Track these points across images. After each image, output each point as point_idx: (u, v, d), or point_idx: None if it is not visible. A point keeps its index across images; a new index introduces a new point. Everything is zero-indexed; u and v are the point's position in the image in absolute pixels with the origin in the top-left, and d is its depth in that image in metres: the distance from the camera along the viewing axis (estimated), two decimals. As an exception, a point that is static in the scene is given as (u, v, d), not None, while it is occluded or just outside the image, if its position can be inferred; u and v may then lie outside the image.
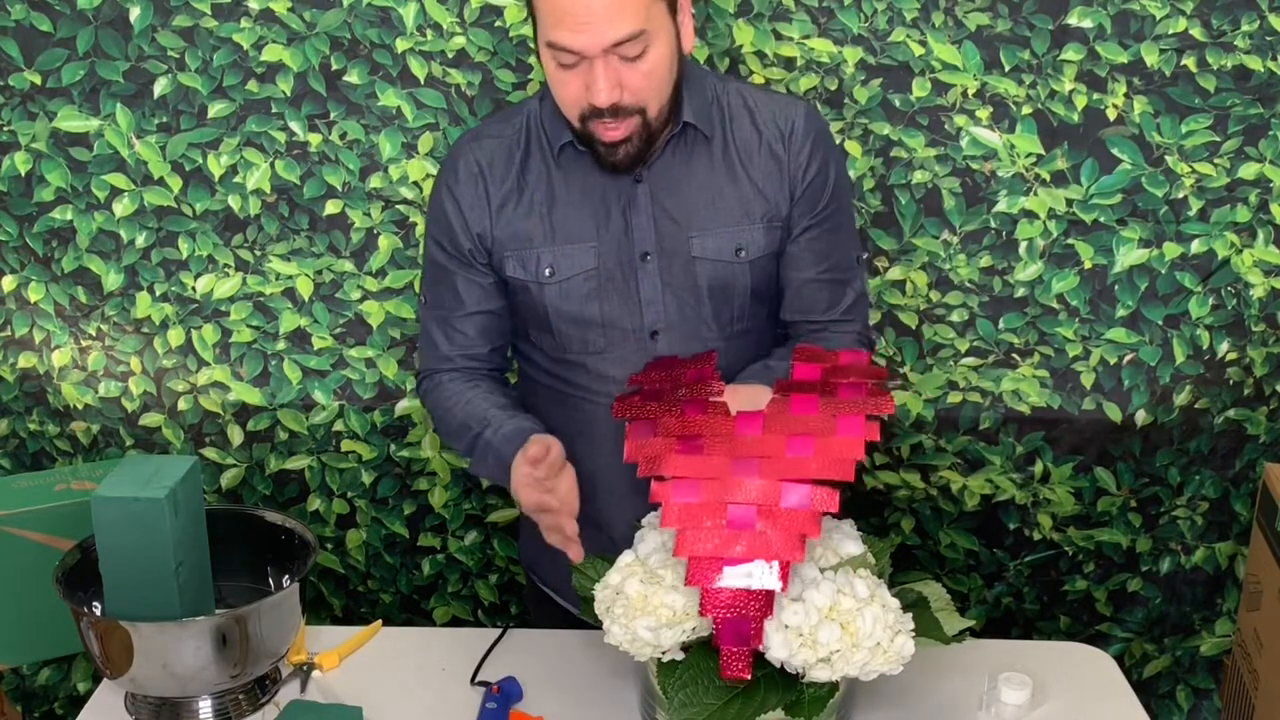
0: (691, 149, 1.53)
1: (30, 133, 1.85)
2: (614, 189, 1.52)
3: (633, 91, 1.40)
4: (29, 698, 2.14)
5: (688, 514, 1.27)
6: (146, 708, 1.44)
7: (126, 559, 1.38)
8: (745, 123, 1.54)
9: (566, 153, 1.52)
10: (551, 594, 1.73)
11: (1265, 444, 2.04)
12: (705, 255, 1.53)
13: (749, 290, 1.56)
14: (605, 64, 1.37)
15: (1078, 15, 1.82)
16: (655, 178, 1.52)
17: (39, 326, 1.95)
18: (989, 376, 1.98)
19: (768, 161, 1.54)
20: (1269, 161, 1.88)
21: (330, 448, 2.01)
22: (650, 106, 1.42)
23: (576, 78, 1.39)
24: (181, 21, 1.81)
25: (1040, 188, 1.89)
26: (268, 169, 1.88)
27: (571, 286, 1.53)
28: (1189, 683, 2.19)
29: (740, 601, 1.22)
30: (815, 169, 1.54)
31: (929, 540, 2.08)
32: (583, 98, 1.40)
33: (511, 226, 1.53)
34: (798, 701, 1.25)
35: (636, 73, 1.39)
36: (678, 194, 1.53)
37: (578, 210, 1.52)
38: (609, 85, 1.38)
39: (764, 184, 1.54)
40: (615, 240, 1.52)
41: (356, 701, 1.44)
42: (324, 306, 1.94)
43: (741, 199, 1.53)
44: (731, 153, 1.53)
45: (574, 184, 1.53)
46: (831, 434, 1.30)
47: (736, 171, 1.53)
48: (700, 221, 1.53)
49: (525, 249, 1.53)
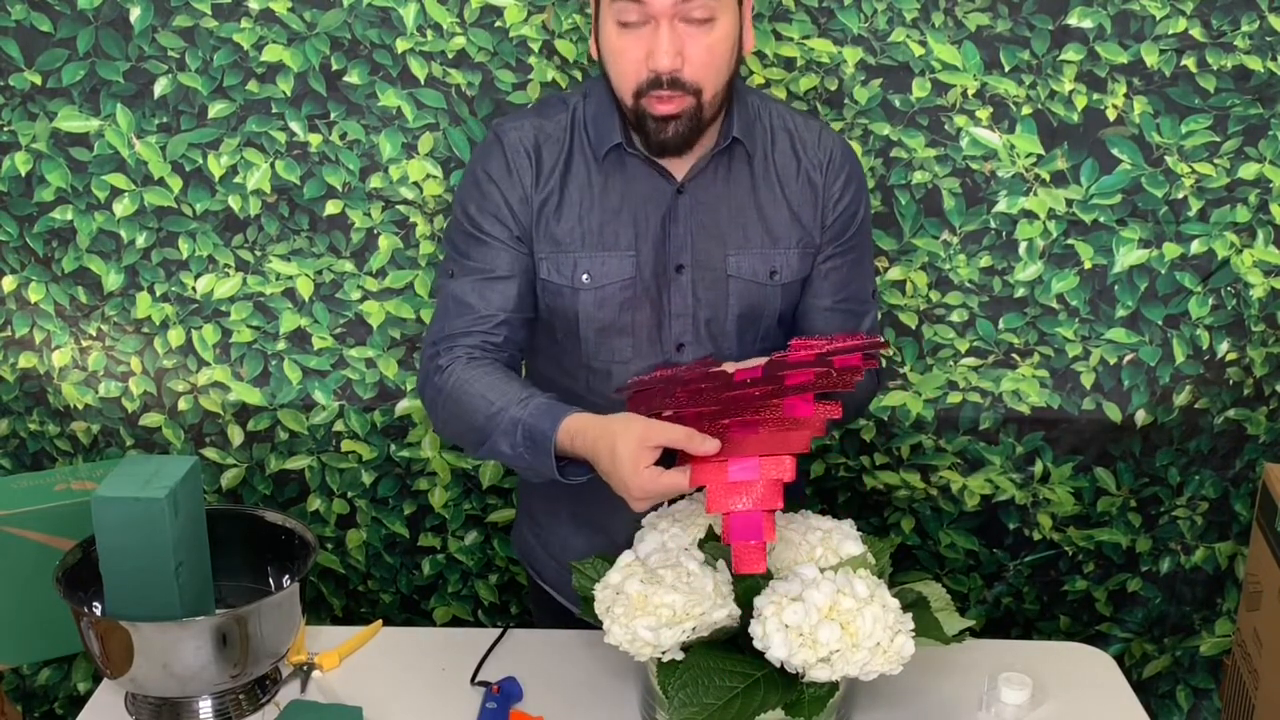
0: (733, 165, 1.52)
1: (30, 133, 1.85)
2: (655, 198, 1.51)
3: (693, 65, 1.39)
4: (29, 698, 2.14)
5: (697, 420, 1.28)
6: (146, 708, 1.44)
7: (126, 559, 1.38)
8: (785, 146, 1.54)
9: (610, 157, 1.50)
10: (550, 590, 1.73)
11: (1265, 444, 2.04)
12: (740, 274, 1.53)
13: (777, 313, 1.56)
14: (671, 28, 1.36)
15: (1078, 15, 1.82)
16: (697, 190, 1.51)
17: (39, 326, 1.95)
18: (989, 376, 1.98)
19: (805, 188, 1.54)
20: (1269, 161, 1.88)
21: (330, 448, 2.01)
22: (706, 89, 1.41)
23: (639, 43, 1.38)
24: (181, 21, 1.81)
25: (1040, 188, 1.89)
26: (268, 169, 1.88)
27: (607, 294, 1.52)
28: (1189, 683, 2.19)
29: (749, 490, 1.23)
30: (847, 200, 1.55)
31: (929, 540, 2.09)
32: (642, 66, 1.39)
33: (549, 229, 1.51)
34: (798, 701, 1.25)
35: (700, 44, 1.38)
36: (717, 210, 1.52)
37: (618, 217, 1.51)
38: (672, 50, 1.37)
39: (800, 209, 1.54)
40: (653, 250, 1.51)
41: (356, 701, 1.44)
42: (324, 306, 1.94)
43: (779, 222, 1.53)
44: (771, 174, 1.53)
45: (615, 190, 1.51)
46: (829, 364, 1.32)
47: (775, 194, 1.53)
48: (738, 240, 1.52)
49: (561, 253, 1.51)
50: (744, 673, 1.27)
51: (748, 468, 1.25)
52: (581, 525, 1.65)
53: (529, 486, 1.73)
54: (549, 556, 1.70)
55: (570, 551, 1.62)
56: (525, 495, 1.76)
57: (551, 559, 1.70)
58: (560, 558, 1.67)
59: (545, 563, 1.71)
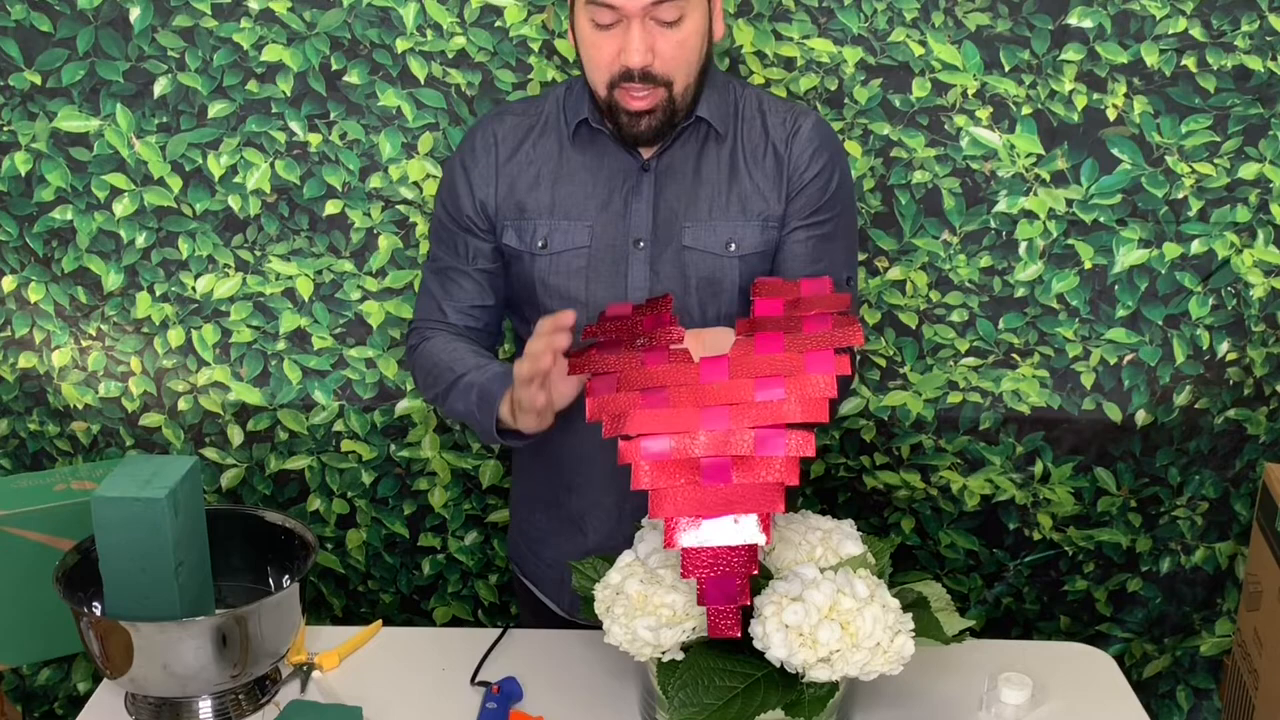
0: (702, 145, 1.55)
1: (30, 133, 1.85)
2: (620, 173, 1.55)
3: (664, 60, 1.43)
4: (29, 698, 2.14)
5: (659, 473, 1.21)
6: (146, 708, 1.44)
7: (126, 559, 1.38)
8: (756, 125, 1.56)
9: (581, 131, 1.55)
10: (530, 586, 1.74)
11: (1265, 444, 2.04)
12: (696, 246, 1.54)
13: (737, 286, 1.56)
14: (642, 26, 1.41)
15: (1078, 15, 1.82)
16: (662, 168, 1.54)
17: (39, 326, 1.95)
18: (989, 376, 1.98)
19: (770, 161, 1.55)
20: (1269, 161, 1.88)
21: (330, 448, 2.01)
22: (677, 81, 1.45)
23: (611, 40, 1.43)
24: (181, 21, 1.81)
25: (1040, 188, 1.89)
26: (268, 169, 1.88)
27: (562, 261, 1.55)
28: (1189, 683, 2.19)
29: (723, 560, 1.19)
30: (815, 170, 1.55)
31: (929, 540, 2.08)
32: (615, 61, 1.43)
33: (515, 197, 1.56)
34: (798, 701, 1.24)
35: (670, 41, 1.42)
36: (681, 186, 1.54)
37: (581, 188, 1.55)
38: (643, 47, 1.41)
39: (764, 184, 1.55)
40: (612, 223, 1.55)
41: (356, 701, 1.44)
42: (324, 306, 1.94)
43: (740, 197, 1.55)
44: (739, 154, 1.55)
45: (582, 162, 1.55)
46: (801, 373, 1.23)
47: (740, 171, 1.55)
48: (696, 213, 1.54)
49: (523, 219, 1.56)
50: (744, 673, 1.27)
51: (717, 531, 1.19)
52: (558, 521, 1.66)
53: (515, 487, 1.77)
54: (534, 555, 1.71)
55: (545, 544, 1.68)
56: (512, 496, 1.79)
57: (534, 555, 1.71)
58: (542, 551, 1.69)
59: (526, 557, 1.74)
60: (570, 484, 1.63)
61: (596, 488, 1.61)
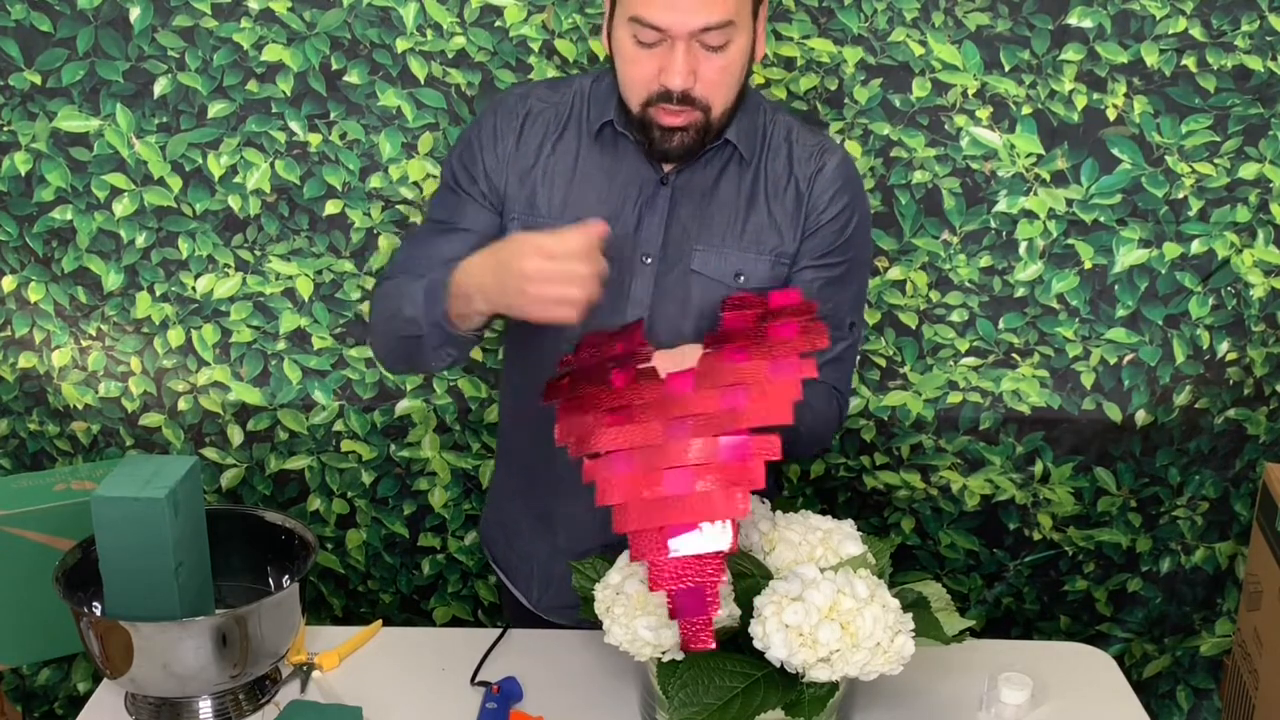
0: (724, 167, 1.51)
1: (30, 133, 1.85)
2: (636, 182, 1.50)
3: (706, 84, 1.39)
4: (29, 698, 2.14)
5: (623, 488, 1.20)
6: (146, 708, 1.44)
7: (126, 559, 1.38)
8: (782, 156, 1.52)
9: (603, 135, 1.51)
10: (500, 574, 1.73)
11: (1265, 444, 2.04)
12: (704, 272, 1.51)
13: None
14: (687, 48, 1.36)
15: (1078, 15, 1.82)
16: (680, 184, 1.50)
17: (39, 326, 1.95)
18: (989, 376, 1.98)
19: (791, 197, 1.51)
20: (1269, 161, 1.88)
21: (330, 448, 2.01)
22: (715, 105, 1.41)
23: (652, 59, 1.38)
24: (181, 21, 1.81)
25: (1040, 188, 1.89)
26: (268, 169, 1.88)
27: None
28: (1189, 683, 2.19)
29: (691, 570, 1.17)
30: (834, 213, 1.51)
31: (929, 540, 2.09)
32: (654, 80, 1.39)
33: (526, 191, 1.52)
34: (798, 701, 1.25)
35: (714, 65, 1.38)
36: (697, 206, 1.51)
37: (595, 193, 1.51)
38: (686, 70, 1.37)
39: (781, 219, 1.51)
40: (623, 234, 1.50)
41: (356, 701, 1.44)
42: (324, 306, 1.94)
43: (756, 228, 1.51)
44: (761, 183, 1.51)
45: (600, 167, 1.51)
46: (765, 378, 1.22)
47: (759, 202, 1.51)
48: (709, 236, 1.50)
49: (533, 217, 1.51)
50: (744, 673, 1.27)
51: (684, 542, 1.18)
52: (536, 521, 1.65)
53: (498, 470, 1.75)
54: (507, 544, 1.70)
55: (519, 534, 1.67)
56: (494, 479, 1.78)
57: (509, 544, 1.70)
58: (515, 541, 1.69)
59: (496, 541, 1.72)
60: (547, 481, 1.60)
61: (569, 494, 1.56)
